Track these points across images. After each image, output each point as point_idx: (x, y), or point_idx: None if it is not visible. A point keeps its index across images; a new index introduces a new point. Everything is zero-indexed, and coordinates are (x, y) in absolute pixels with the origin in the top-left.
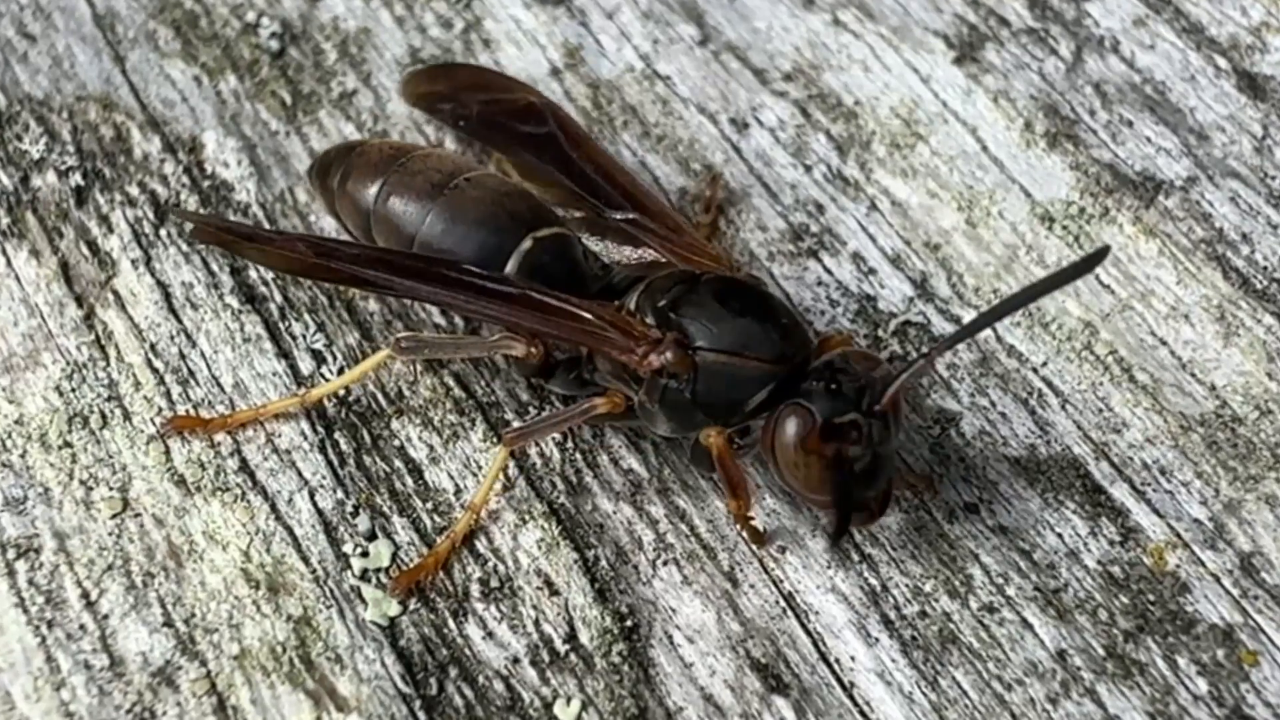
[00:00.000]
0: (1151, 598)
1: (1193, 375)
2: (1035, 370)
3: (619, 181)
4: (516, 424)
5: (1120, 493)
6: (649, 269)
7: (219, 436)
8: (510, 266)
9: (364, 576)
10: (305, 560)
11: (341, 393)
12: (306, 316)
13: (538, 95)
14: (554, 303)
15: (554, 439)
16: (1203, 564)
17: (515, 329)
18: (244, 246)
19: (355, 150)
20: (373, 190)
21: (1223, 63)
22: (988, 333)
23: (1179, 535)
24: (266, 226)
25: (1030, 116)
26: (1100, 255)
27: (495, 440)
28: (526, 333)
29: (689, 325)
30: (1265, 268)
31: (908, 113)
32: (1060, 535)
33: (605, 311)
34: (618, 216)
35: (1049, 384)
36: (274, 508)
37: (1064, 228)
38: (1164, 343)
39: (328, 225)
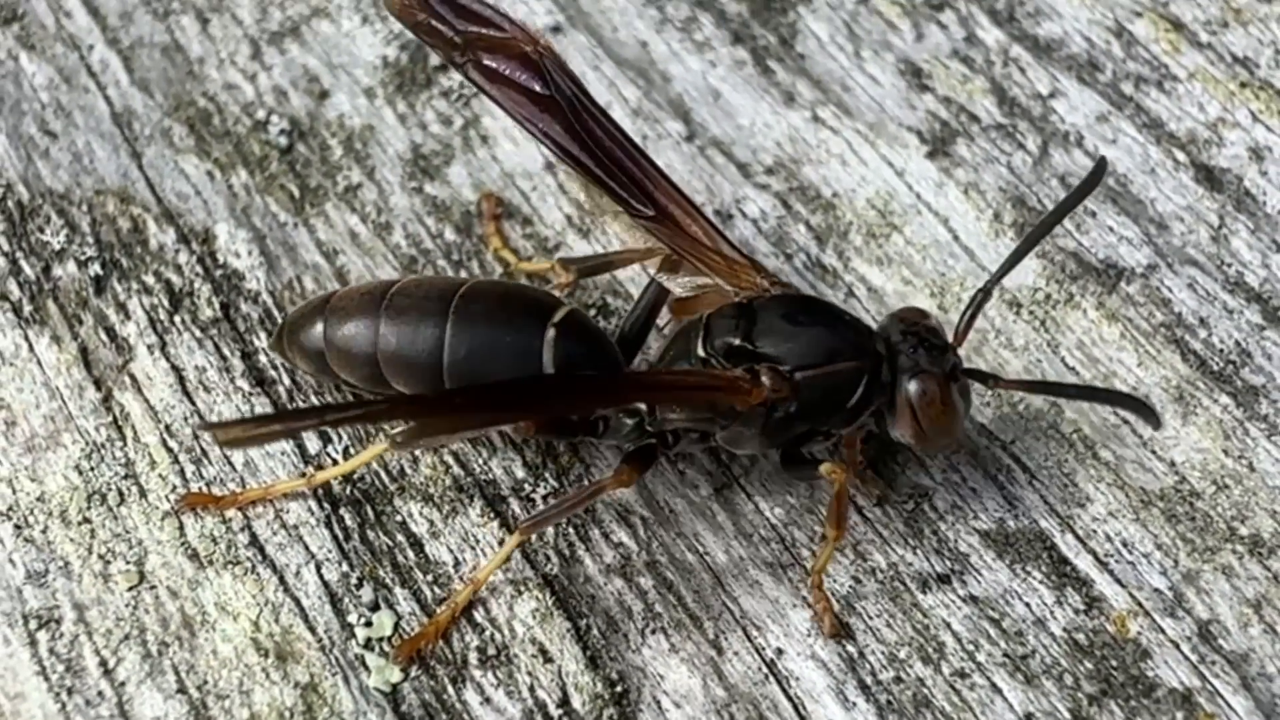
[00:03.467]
0: (1114, 663)
1: (1153, 453)
2: (1004, 447)
3: (641, 172)
4: (529, 513)
5: (1085, 564)
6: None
7: (230, 513)
8: (546, 359)
9: (368, 645)
10: (312, 630)
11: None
12: (313, 398)
13: (534, 41)
14: (657, 380)
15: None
16: (1163, 631)
17: None
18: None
19: (328, 304)
20: (372, 334)
21: (1181, 156)
22: None
23: (1140, 604)
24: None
25: (999, 208)
26: (1100, 167)
27: (493, 515)
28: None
29: (775, 353)
30: (1221, 350)
31: (883, 204)
32: (1028, 604)
33: (692, 369)
34: (648, 212)
35: (1017, 460)
36: (282, 580)
37: (1030, 313)
38: (1126, 422)
39: None
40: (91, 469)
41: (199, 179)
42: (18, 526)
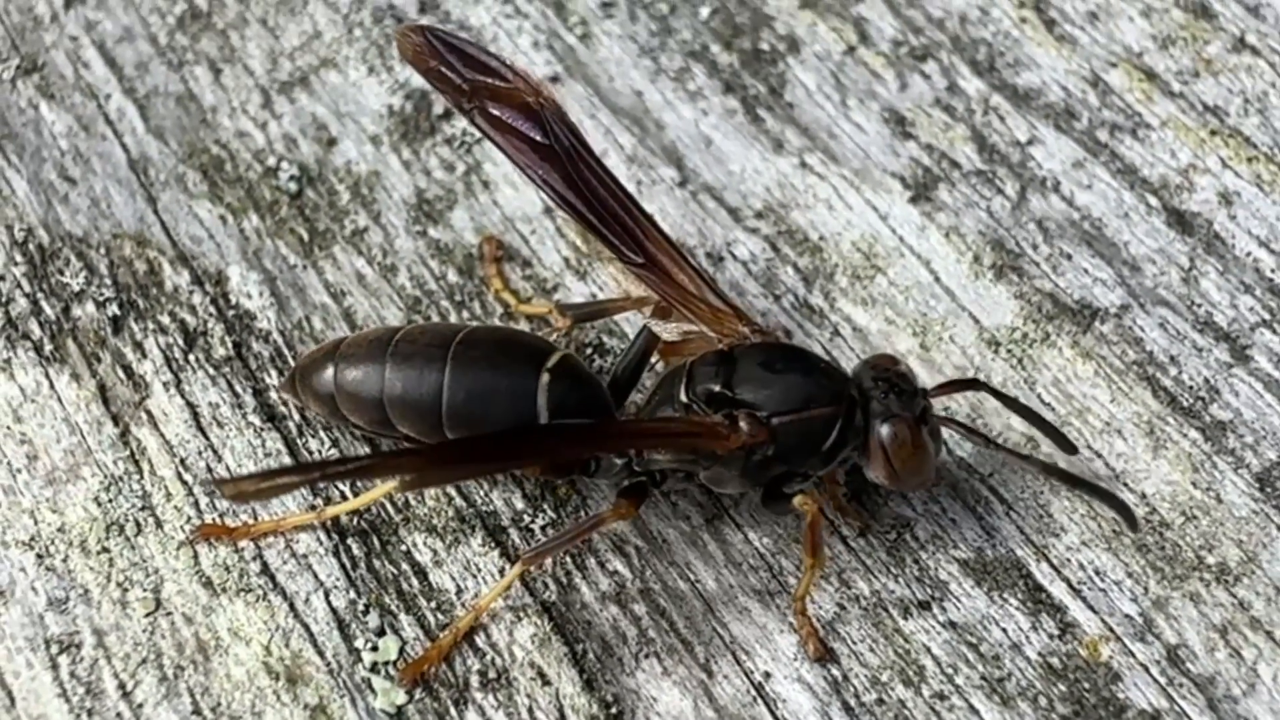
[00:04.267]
0: (1087, 686)
1: (1125, 484)
2: (982, 480)
3: (634, 224)
4: (530, 544)
5: (1059, 591)
6: (649, 353)
7: (243, 543)
8: (541, 404)
9: (374, 669)
10: (321, 654)
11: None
12: (322, 434)
13: (536, 93)
14: (640, 428)
15: None
16: (1133, 655)
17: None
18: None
19: (338, 350)
20: (379, 380)
21: (1154, 201)
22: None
23: (1111, 629)
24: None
25: (979, 250)
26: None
27: (494, 545)
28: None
29: (752, 399)
30: (1191, 387)
31: (868, 247)
32: (1005, 629)
33: (674, 416)
34: (638, 260)
35: (995, 493)
36: (292, 607)
37: (1009, 351)
38: (1099, 455)
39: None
40: (110, 501)
41: (212, 223)
42: (39, 556)
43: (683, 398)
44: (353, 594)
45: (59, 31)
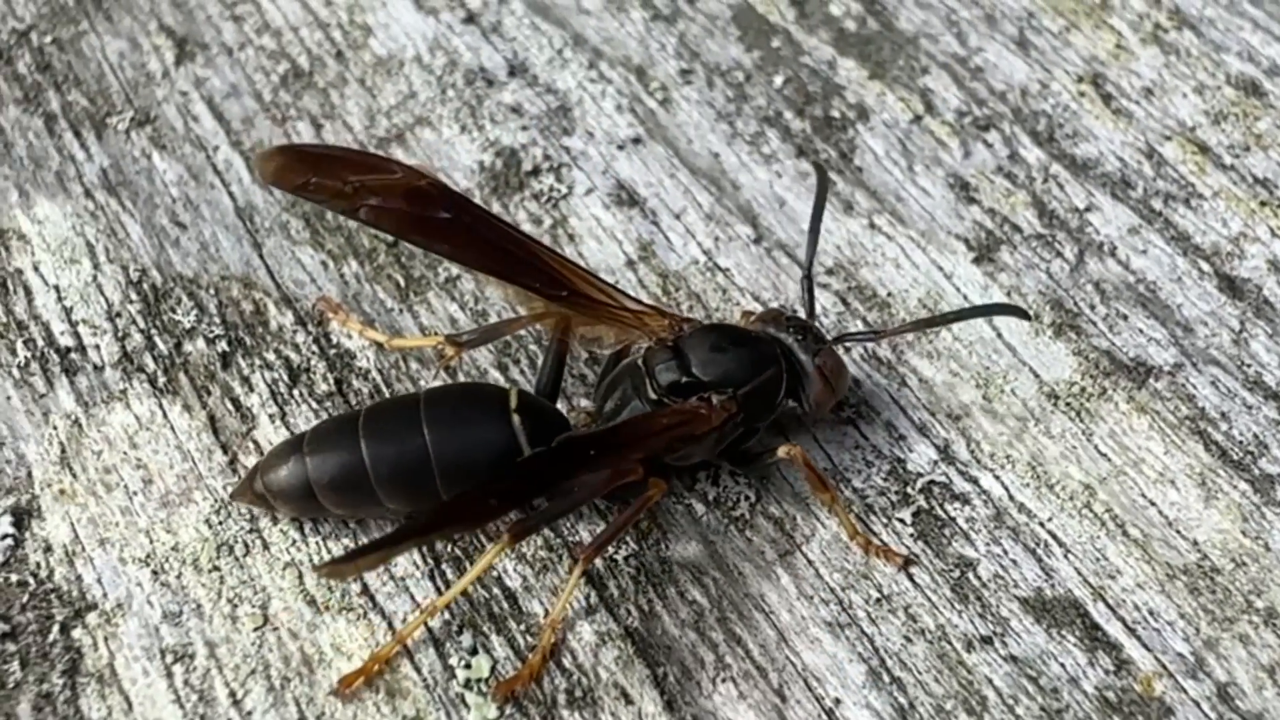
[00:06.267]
0: (1141, 719)
1: (1178, 532)
2: (1042, 524)
3: (546, 262)
4: (586, 540)
5: (1115, 630)
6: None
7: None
8: (522, 441)
9: (467, 685)
10: (418, 670)
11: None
12: None
13: (422, 176)
14: (650, 427)
15: (629, 573)
16: (1185, 691)
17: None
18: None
19: (304, 444)
20: (360, 461)
21: (1206, 266)
22: (1001, 493)
23: (1165, 666)
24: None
25: (1039, 309)
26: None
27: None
28: (632, 463)
29: (717, 378)
30: (1241, 442)
31: (933, 304)
32: (1063, 664)
33: (666, 410)
34: (561, 294)
35: (1054, 536)
36: (391, 625)
37: (1067, 404)
38: (1153, 504)
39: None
40: (220, 523)
41: (314, 268)
42: (155, 572)
43: (651, 394)
44: (447, 615)
45: (170, 86)
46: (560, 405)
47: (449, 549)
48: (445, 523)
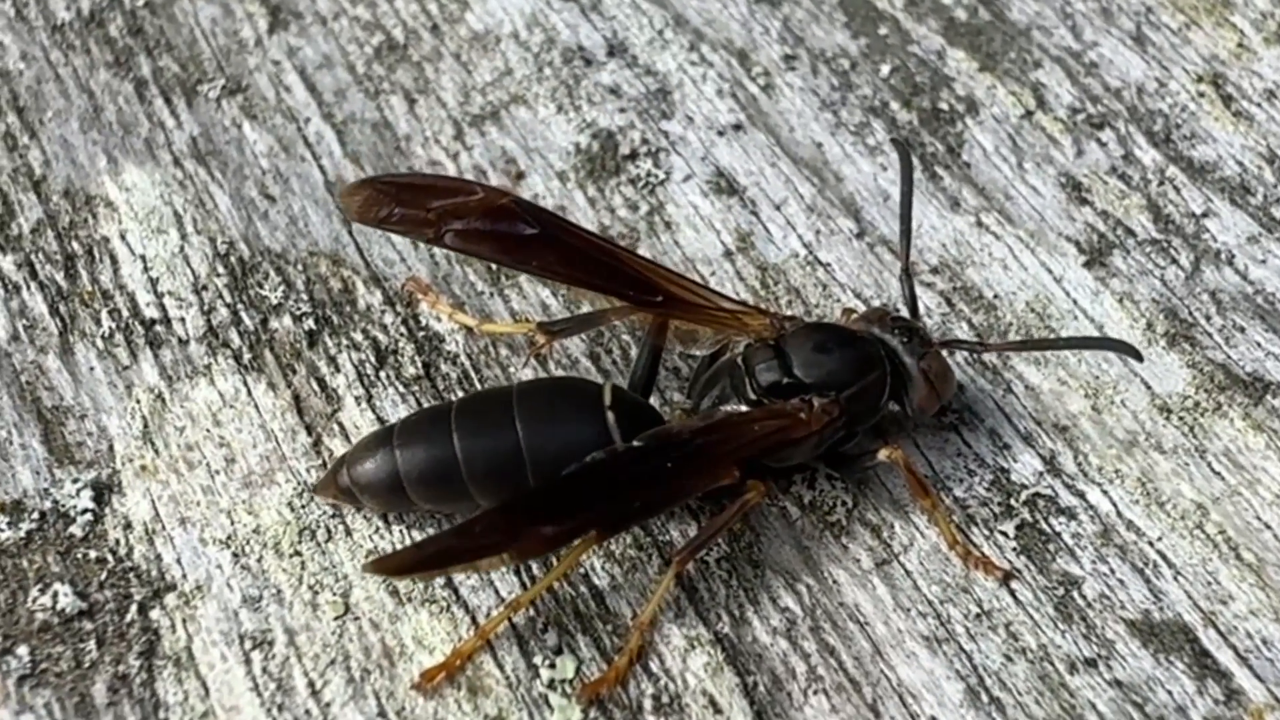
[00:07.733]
0: None
1: None
2: (1151, 544)
3: (636, 268)
4: (676, 540)
5: (1225, 658)
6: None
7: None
8: (616, 439)
9: (551, 685)
10: (500, 668)
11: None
12: None
13: (502, 194)
14: (752, 431)
15: (720, 577)
16: None
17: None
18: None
19: (394, 436)
20: (453, 455)
21: None
22: (1109, 509)
23: (1277, 699)
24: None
25: (1152, 318)
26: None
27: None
28: (729, 466)
29: (820, 380)
30: None
31: (1041, 308)
32: (1170, 692)
33: (763, 411)
34: (656, 300)
35: (1163, 557)
36: (474, 620)
37: (1180, 419)
38: (1268, 526)
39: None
40: (303, 506)
41: (404, 246)
42: (235, 555)
43: (750, 395)
44: (532, 612)
45: (262, 55)
46: (653, 400)
47: None
48: (575, 529)
